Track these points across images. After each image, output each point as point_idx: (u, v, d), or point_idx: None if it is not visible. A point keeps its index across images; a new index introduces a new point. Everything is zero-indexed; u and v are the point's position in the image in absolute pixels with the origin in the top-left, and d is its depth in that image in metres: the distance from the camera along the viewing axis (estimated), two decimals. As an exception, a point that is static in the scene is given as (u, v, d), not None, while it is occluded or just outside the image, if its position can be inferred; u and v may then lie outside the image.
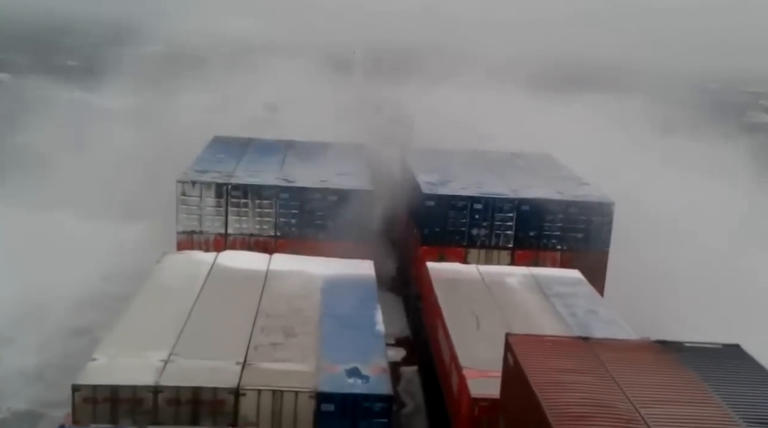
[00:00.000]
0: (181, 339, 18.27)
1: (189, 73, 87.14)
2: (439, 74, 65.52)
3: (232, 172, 28.74)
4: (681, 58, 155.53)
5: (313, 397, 16.41)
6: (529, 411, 13.98)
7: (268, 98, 58.05)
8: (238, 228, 27.12)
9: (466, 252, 27.71)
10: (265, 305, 20.75)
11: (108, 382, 16.13)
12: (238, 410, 16.27)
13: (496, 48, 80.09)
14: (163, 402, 16.09)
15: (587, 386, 14.19)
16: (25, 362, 28.20)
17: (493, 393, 16.79)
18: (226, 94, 67.62)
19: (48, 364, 28.62)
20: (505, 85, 62.10)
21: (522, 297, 23.17)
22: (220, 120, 50.60)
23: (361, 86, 62.90)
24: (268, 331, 19.16)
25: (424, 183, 29.30)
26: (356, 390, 16.73)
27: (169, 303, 20.50)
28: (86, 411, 15.92)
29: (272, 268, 23.47)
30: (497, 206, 27.92)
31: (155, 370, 16.70)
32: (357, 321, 20.32)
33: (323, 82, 62.42)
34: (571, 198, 28.62)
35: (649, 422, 12.99)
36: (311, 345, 18.54)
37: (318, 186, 27.81)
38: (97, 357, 17.15)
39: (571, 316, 21.66)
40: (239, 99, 61.02)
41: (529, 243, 27.88)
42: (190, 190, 27.03)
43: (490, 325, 20.65)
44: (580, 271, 25.54)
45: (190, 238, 26.74)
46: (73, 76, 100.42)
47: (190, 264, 23.66)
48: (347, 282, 22.89)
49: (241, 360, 17.47)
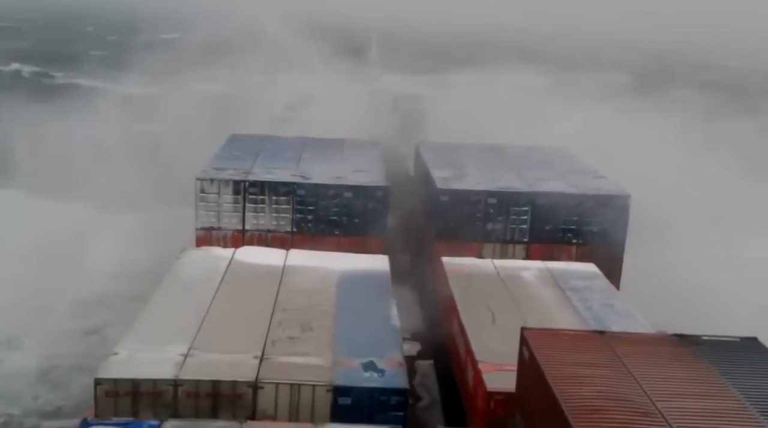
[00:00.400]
0: (200, 334, 18.32)
1: (205, 60, 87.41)
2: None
3: (249, 169, 28.75)
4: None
5: (330, 391, 16.40)
6: (545, 404, 13.86)
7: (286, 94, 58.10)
8: (255, 224, 27.13)
9: (481, 247, 27.50)
10: (282, 300, 20.76)
11: (129, 376, 16.23)
12: (256, 403, 16.29)
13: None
14: (183, 395, 16.15)
15: (603, 380, 14.04)
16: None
17: (508, 386, 16.66)
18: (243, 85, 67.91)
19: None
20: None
21: (537, 291, 23.00)
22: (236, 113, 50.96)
23: (377, 81, 62.80)
24: (285, 326, 19.17)
25: (438, 178, 29.13)
26: (372, 383, 16.70)
27: (188, 298, 20.57)
28: (108, 404, 16.03)
29: (289, 264, 23.48)
30: (512, 200, 27.69)
31: (175, 364, 16.77)
32: (372, 316, 20.27)
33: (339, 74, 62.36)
34: (587, 191, 28.33)
35: (666, 415, 12.83)
36: (327, 340, 18.53)
37: (334, 182, 27.74)
38: (119, 352, 17.25)
39: (586, 310, 21.47)
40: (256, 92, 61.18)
41: (545, 237, 27.62)
42: (208, 187, 27.09)
43: (505, 319, 20.51)
44: (596, 265, 25.30)
45: (208, 234, 26.80)
46: (95, 65, 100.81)
47: (208, 259, 23.72)
48: (362, 277, 22.84)
49: (259, 354, 17.49)
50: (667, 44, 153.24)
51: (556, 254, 27.00)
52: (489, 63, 79.25)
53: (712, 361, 14.90)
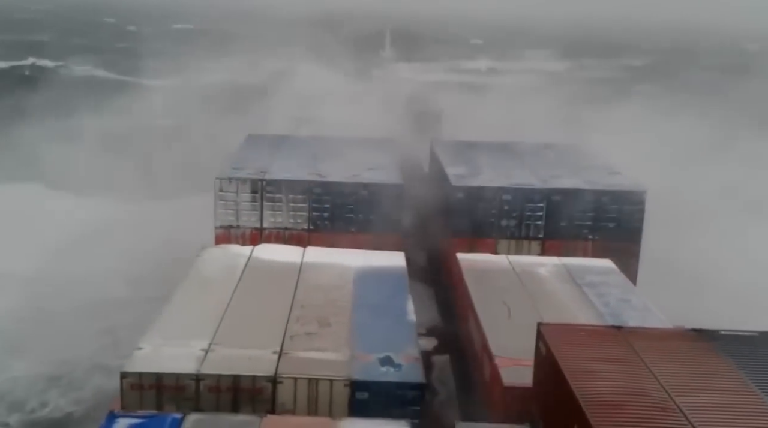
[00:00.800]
0: (220, 329, 18.44)
1: (221, 50, 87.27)
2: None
3: (266, 169, 28.82)
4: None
5: (347, 385, 16.44)
6: (562, 399, 13.78)
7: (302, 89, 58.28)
8: (273, 222, 27.19)
9: (497, 243, 27.40)
10: (300, 296, 20.82)
11: (153, 370, 16.40)
12: (275, 397, 16.35)
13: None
14: (205, 389, 16.27)
15: (621, 374, 13.93)
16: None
17: (525, 381, 16.57)
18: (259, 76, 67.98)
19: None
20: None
21: (553, 286, 22.88)
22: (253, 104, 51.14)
23: (391, 79, 62.75)
24: (303, 321, 19.22)
25: (453, 175, 29.05)
26: (389, 378, 16.72)
27: (209, 295, 20.69)
28: (133, 397, 16.23)
29: (306, 261, 23.54)
30: (527, 197, 27.56)
31: (197, 359, 16.91)
32: (389, 311, 20.29)
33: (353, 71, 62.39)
34: (602, 187, 28.14)
35: (685, 410, 12.71)
36: (345, 335, 18.57)
37: (349, 180, 27.76)
38: (143, 347, 17.41)
39: (603, 305, 21.32)
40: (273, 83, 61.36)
41: (560, 234, 27.46)
42: (227, 186, 27.18)
43: (521, 315, 20.43)
44: (612, 261, 25.13)
45: (227, 232, 26.88)
46: (113, 57, 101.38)
47: (228, 257, 23.84)
48: (379, 274, 22.86)
49: (278, 349, 17.57)
50: (684, 27, 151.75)
51: (571, 250, 26.85)
52: (502, 49, 79.01)
53: (730, 356, 14.73)
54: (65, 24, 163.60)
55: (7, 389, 26.84)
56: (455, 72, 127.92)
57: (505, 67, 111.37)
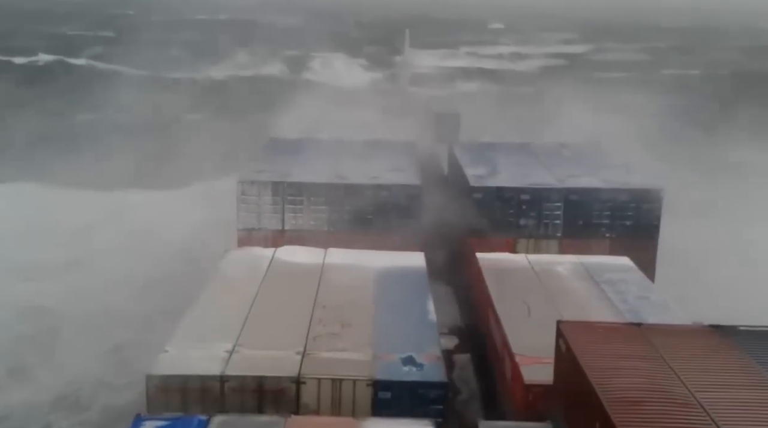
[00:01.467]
0: (244, 331, 18.48)
1: (243, 40, 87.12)
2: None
3: (287, 171, 28.92)
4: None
5: (370, 385, 16.40)
6: (583, 396, 13.66)
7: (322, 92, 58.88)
8: (294, 224, 27.28)
9: (515, 243, 27.34)
10: (322, 297, 20.83)
11: (178, 372, 16.43)
12: (299, 398, 16.36)
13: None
14: (230, 390, 16.30)
15: (641, 371, 13.78)
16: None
17: (546, 379, 16.46)
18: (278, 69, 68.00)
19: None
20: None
21: (572, 284, 22.72)
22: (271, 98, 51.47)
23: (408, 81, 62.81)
24: (325, 322, 19.23)
25: (471, 176, 29.01)
26: (412, 377, 16.66)
27: (232, 297, 20.76)
28: (159, 400, 16.26)
29: (327, 262, 23.55)
30: (544, 196, 27.48)
31: (221, 361, 16.94)
32: (410, 311, 20.24)
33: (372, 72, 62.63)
34: (619, 185, 28.01)
35: (706, 406, 12.56)
36: (367, 335, 18.54)
37: (369, 182, 27.79)
38: (169, 349, 17.48)
39: (622, 302, 21.14)
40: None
41: (578, 232, 27.34)
42: (249, 189, 27.31)
43: (541, 313, 20.30)
44: (630, 258, 24.92)
45: (249, 235, 27.00)
46: (139, 50, 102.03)
47: (251, 259, 23.91)
48: (399, 274, 22.82)
49: (301, 349, 17.57)
50: (704, 7, 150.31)
51: (589, 248, 26.68)
52: (522, 33, 79.05)
53: (749, 351, 14.54)
54: (91, 16, 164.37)
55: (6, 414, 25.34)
56: (476, 57, 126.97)
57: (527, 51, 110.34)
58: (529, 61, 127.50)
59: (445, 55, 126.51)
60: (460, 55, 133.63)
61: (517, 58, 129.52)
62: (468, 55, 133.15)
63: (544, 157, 32.62)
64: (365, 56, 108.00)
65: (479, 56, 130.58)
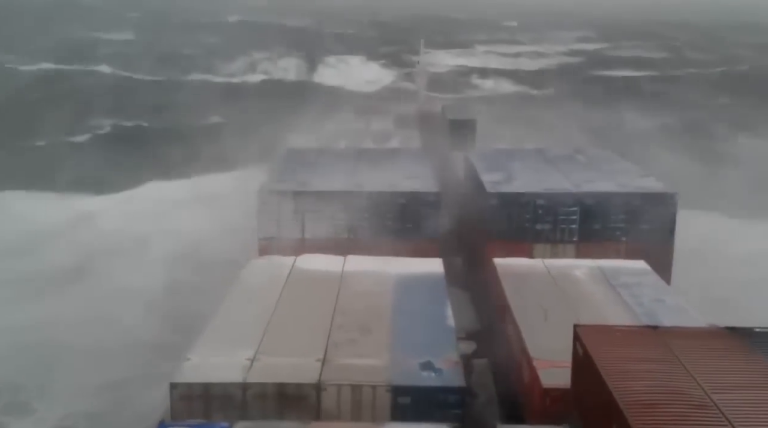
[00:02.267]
0: (265, 339, 18.60)
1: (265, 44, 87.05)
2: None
3: (306, 181, 29.07)
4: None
5: (389, 390, 16.42)
6: (601, 399, 13.61)
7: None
8: (314, 232, 27.39)
9: (532, 247, 27.24)
10: (342, 304, 20.90)
11: (201, 380, 16.57)
12: (320, 404, 16.42)
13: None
14: (251, 397, 16.39)
15: (658, 374, 13.70)
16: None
17: (563, 383, 16.40)
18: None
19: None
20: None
21: (589, 288, 22.60)
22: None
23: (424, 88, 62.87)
24: (345, 329, 19.29)
25: (488, 182, 28.97)
26: (431, 382, 16.67)
27: (253, 306, 20.89)
28: (182, 407, 16.40)
29: (347, 269, 23.63)
30: (560, 201, 27.38)
31: (243, 368, 17.05)
32: (428, 317, 20.24)
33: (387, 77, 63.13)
34: (633, 189, 27.87)
35: (722, 407, 12.46)
36: (386, 341, 18.57)
37: (387, 190, 27.86)
38: (191, 358, 17.64)
39: (638, 306, 20.99)
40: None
41: (594, 236, 27.19)
42: (269, 198, 27.48)
43: (558, 317, 20.23)
44: (646, 262, 24.76)
45: (270, 243, 27.15)
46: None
47: (271, 268, 24.04)
48: (418, 280, 22.83)
49: (321, 356, 17.63)
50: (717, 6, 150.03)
51: (605, 252, 26.54)
52: (537, 31, 79.52)
53: (765, 352, 14.40)
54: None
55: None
56: (493, 55, 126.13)
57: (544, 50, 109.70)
58: (547, 59, 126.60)
59: (460, 54, 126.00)
60: (476, 53, 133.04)
61: (536, 55, 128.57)
62: (485, 53, 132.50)
63: (559, 162, 32.54)
64: (382, 56, 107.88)
65: (496, 54, 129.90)
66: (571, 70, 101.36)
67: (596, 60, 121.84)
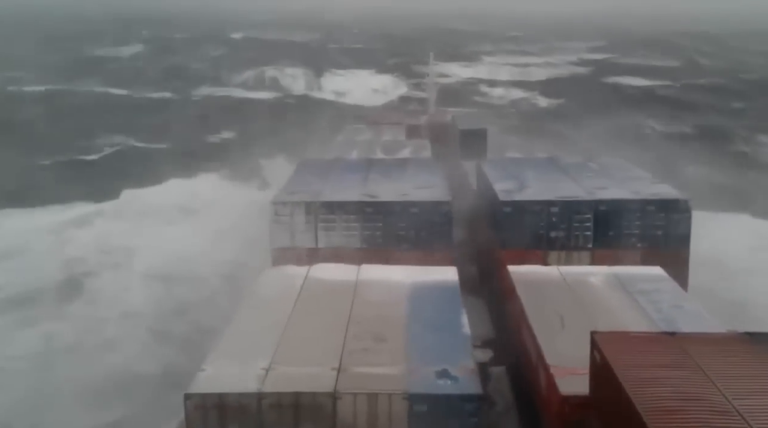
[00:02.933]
0: (280, 348, 18.51)
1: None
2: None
3: (319, 191, 29.09)
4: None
5: (406, 399, 16.28)
6: (620, 407, 13.41)
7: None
8: (327, 242, 27.37)
9: (546, 255, 27.09)
10: (356, 313, 20.80)
11: (216, 390, 16.48)
12: (336, 413, 16.30)
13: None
14: (267, 407, 16.29)
15: (677, 380, 13.50)
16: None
17: (581, 390, 16.20)
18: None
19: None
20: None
21: (605, 295, 22.39)
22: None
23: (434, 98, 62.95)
24: (359, 337, 19.17)
25: (500, 190, 28.86)
26: (447, 390, 16.50)
27: (268, 315, 20.82)
28: (197, 417, 16.31)
29: (361, 278, 23.54)
30: (574, 208, 27.23)
31: (258, 378, 16.96)
32: (443, 325, 20.08)
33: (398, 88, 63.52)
34: (647, 196, 27.66)
35: (744, 413, 12.24)
36: (401, 350, 18.44)
37: (399, 199, 27.81)
38: (206, 368, 17.57)
39: (655, 312, 20.76)
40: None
41: (609, 243, 27.01)
42: (282, 209, 27.49)
43: (574, 324, 20.03)
44: (662, 268, 24.52)
45: (284, 254, 27.14)
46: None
47: (285, 278, 23.99)
48: (432, 288, 22.70)
49: (337, 365, 17.52)
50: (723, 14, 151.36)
51: (621, 259, 26.33)
52: (541, 41, 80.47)
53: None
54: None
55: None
56: (502, 65, 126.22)
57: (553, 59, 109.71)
58: (558, 69, 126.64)
59: (468, 65, 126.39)
60: (485, 63, 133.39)
61: (546, 65, 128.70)
62: (493, 64, 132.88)
63: (572, 170, 32.38)
64: (390, 69, 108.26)
65: (505, 65, 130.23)
66: (583, 79, 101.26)
67: (607, 69, 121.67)
